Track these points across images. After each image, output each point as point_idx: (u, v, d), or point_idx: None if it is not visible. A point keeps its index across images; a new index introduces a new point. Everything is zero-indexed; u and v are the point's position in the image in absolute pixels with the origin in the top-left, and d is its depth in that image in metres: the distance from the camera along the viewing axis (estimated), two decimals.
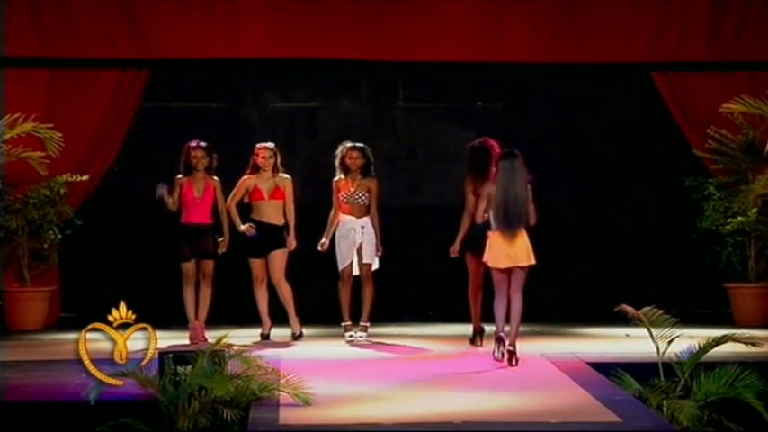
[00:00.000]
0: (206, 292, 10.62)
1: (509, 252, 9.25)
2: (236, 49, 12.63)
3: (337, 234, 10.79)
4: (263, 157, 10.85)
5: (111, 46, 12.55)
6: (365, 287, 10.78)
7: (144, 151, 12.80)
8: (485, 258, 9.42)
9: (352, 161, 10.79)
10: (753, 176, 12.27)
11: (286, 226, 10.86)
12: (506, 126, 13.22)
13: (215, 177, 10.74)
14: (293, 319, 10.94)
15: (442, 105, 13.32)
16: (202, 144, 10.73)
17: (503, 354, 9.20)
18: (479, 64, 12.96)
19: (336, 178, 10.88)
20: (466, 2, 12.74)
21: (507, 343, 9.17)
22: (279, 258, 10.80)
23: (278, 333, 10.98)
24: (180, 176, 10.71)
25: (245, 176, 10.89)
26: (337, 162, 10.87)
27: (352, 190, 10.79)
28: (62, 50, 12.55)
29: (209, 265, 10.63)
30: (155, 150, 12.79)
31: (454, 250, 10.26)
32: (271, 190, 10.85)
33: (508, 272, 9.32)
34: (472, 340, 10.46)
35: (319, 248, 10.77)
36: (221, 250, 10.72)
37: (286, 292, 10.86)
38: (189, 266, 10.63)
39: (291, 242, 10.83)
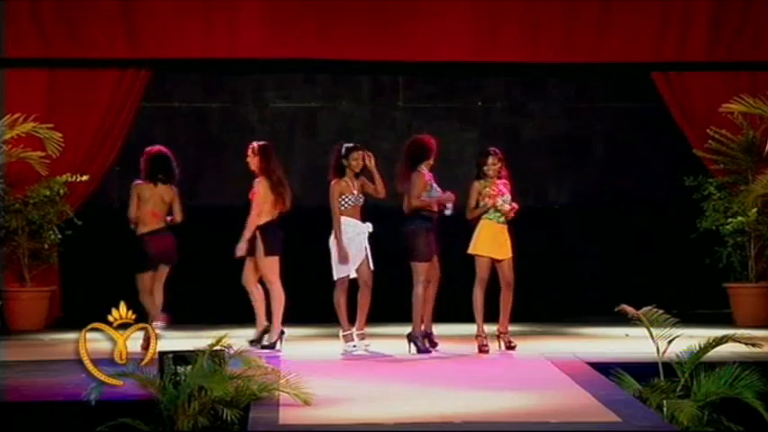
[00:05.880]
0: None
1: (497, 243, 10.12)
2: (236, 49, 12.63)
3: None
4: (247, 156, 10.52)
5: (110, 46, 12.55)
6: (365, 293, 10.34)
7: (144, 151, 12.79)
8: (471, 248, 10.12)
9: (356, 163, 10.33)
10: (753, 176, 12.28)
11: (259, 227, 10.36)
12: (506, 126, 13.24)
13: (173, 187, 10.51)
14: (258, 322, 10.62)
15: (442, 105, 13.31)
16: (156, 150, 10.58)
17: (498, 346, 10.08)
18: (479, 64, 12.97)
19: (335, 181, 10.37)
20: (466, 2, 12.74)
21: (501, 330, 10.16)
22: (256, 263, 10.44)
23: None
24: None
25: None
26: (335, 163, 10.37)
27: (356, 193, 10.39)
28: (62, 50, 12.56)
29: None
30: None
31: None
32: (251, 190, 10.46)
33: (492, 261, 10.13)
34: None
35: (339, 260, 10.27)
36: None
37: (258, 297, 10.53)
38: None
39: (241, 247, 10.35)
